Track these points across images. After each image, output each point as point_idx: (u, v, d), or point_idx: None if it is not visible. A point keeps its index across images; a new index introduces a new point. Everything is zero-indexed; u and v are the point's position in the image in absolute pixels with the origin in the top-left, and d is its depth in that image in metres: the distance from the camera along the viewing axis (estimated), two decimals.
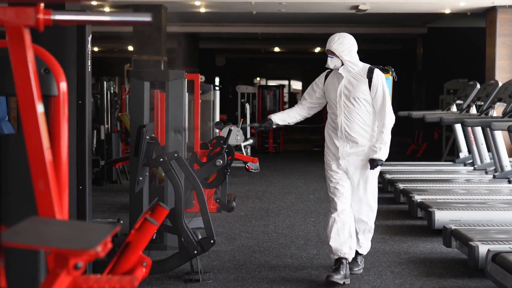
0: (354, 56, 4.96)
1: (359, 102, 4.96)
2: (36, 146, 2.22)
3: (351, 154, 5.02)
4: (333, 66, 4.97)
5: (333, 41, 4.92)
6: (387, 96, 4.99)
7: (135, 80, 5.91)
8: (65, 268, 1.93)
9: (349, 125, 4.99)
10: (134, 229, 3.42)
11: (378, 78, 4.94)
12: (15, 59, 2.18)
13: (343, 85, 4.98)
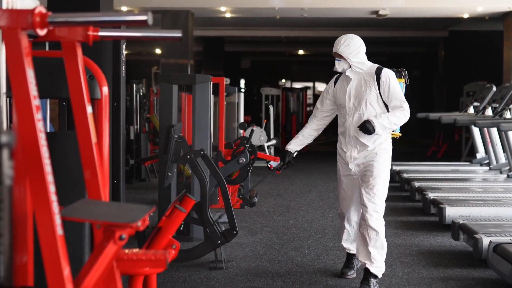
0: (362, 57, 4.82)
1: (369, 104, 4.80)
2: (86, 141, 2.68)
3: (358, 158, 4.90)
4: (341, 69, 4.86)
5: (340, 43, 4.78)
6: (400, 92, 4.81)
7: (164, 83, 6.37)
8: (112, 239, 2.38)
9: (358, 129, 4.81)
10: (164, 216, 3.88)
11: (386, 75, 4.77)
12: (69, 68, 2.63)
13: (351, 87, 4.86)
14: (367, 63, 4.86)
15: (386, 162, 4.90)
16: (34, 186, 2.16)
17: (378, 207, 4.84)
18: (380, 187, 4.85)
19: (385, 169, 4.90)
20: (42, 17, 2.11)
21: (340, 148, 5.04)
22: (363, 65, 4.82)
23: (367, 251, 4.86)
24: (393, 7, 11.67)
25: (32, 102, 2.13)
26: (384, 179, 4.88)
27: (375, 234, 4.85)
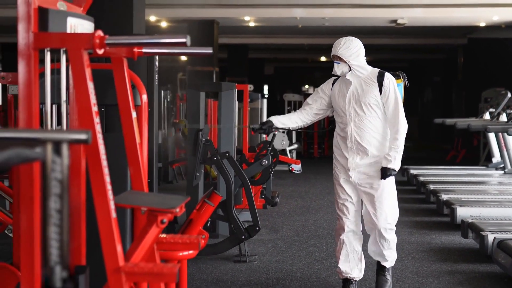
0: (362, 61, 4.68)
1: (370, 108, 4.68)
2: (131, 141, 3.16)
3: (361, 165, 4.72)
4: (340, 72, 4.69)
5: (339, 45, 4.64)
6: (399, 100, 4.69)
7: (192, 90, 6.86)
8: (154, 223, 2.86)
9: (359, 134, 4.70)
10: (195, 209, 4.36)
11: (389, 82, 4.66)
12: (117, 79, 3.12)
13: (352, 91, 4.70)
14: (367, 67, 4.72)
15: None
16: (94, 177, 2.64)
17: (389, 219, 4.76)
18: (390, 199, 4.75)
19: (392, 179, 4.76)
20: (101, 40, 2.60)
21: (340, 155, 4.84)
22: (363, 69, 4.68)
23: (381, 253, 4.88)
24: (411, 16, 12.08)
25: (92, 108, 2.61)
26: (392, 187, 4.77)
27: (389, 242, 4.83)
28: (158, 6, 11.49)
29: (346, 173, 4.79)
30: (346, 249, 4.84)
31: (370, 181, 4.73)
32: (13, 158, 1.54)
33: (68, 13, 2.76)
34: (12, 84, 7.11)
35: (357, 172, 4.73)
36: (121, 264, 2.66)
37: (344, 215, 4.82)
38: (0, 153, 1.43)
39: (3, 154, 1.45)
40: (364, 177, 4.73)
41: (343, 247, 4.84)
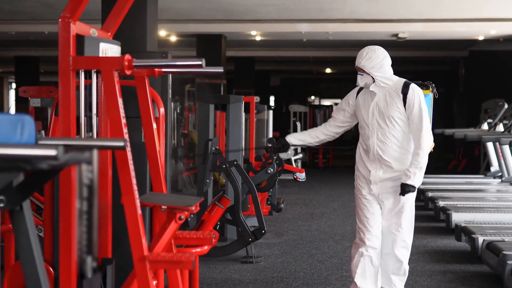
0: (387, 71, 4.49)
1: (394, 121, 4.48)
2: (152, 149, 3.61)
3: (384, 179, 4.54)
4: (363, 84, 4.52)
5: (361, 57, 4.50)
6: (424, 113, 4.45)
7: (202, 103, 7.33)
8: (173, 219, 3.31)
9: (382, 148, 4.51)
10: (206, 211, 4.81)
11: (414, 93, 4.44)
12: (140, 95, 3.58)
13: (376, 103, 4.53)
14: (393, 78, 4.52)
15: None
16: (123, 179, 3.09)
17: (406, 236, 4.61)
18: (408, 214, 4.60)
19: (413, 194, 4.57)
20: (130, 62, 3.06)
21: (362, 166, 4.66)
22: (388, 79, 4.49)
23: (388, 277, 4.65)
24: (412, 30, 12.54)
25: (122, 120, 3.07)
26: (412, 205, 4.61)
27: (399, 262, 4.62)
28: (168, 22, 11.99)
29: (368, 185, 4.60)
30: (364, 262, 4.57)
31: (391, 196, 4.54)
32: (71, 160, 1.98)
33: (100, 39, 3.23)
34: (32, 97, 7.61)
35: (379, 187, 4.55)
36: (145, 254, 3.11)
37: (365, 227, 4.58)
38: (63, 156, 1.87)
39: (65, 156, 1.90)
40: (386, 191, 4.55)
41: (361, 261, 4.57)
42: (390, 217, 4.58)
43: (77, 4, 3.04)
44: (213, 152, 6.45)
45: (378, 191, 4.56)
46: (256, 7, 10.75)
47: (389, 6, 10.64)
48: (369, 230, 4.57)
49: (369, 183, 4.58)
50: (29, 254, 2.37)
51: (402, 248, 4.61)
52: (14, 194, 2.23)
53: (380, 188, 4.55)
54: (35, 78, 20.00)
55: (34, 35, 14.18)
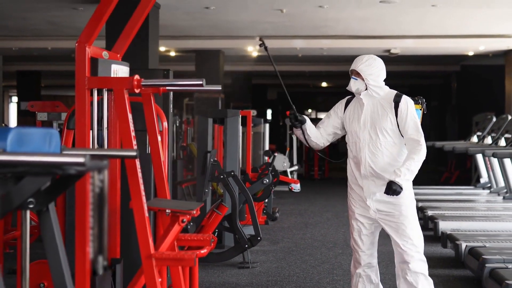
0: (381, 82, 4.42)
1: (385, 133, 4.37)
2: (157, 159, 4.01)
3: (377, 192, 4.39)
4: (356, 89, 4.41)
5: (361, 61, 4.39)
6: (419, 123, 4.39)
7: (201, 117, 7.73)
8: (177, 222, 3.70)
9: (374, 160, 4.38)
10: (205, 218, 5.20)
11: (406, 103, 4.35)
12: (146, 110, 3.98)
13: (367, 114, 4.42)
14: (385, 88, 4.45)
15: (411, 194, 4.44)
16: (132, 186, 3.48)
17: (418, 248, 4.43)
18: (414, 225, 4.43)
19: (412, 202, 4.46)
20: (138, 82, 3.46)
21: (354, 183, 4.50)
22: (380, 89, 4.41)
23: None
24: (403, 46, 12.99)
25: (131, 133, 3.47)
26: (414, 214, 4.47)
27: (422, 277, 4.44)
28: (168, 38, 12.40)
29: (363, 202, 4.46)
30: (363, 282, 4.56)
31: (388, 208, 4.39)
32: (93, 167, 2.37)
33: (112, 61, 3.63)
34: (40, 112, 8.02)
35: (374, 201, 4.40)
36: (152, 252, 3.50)
37: (359, 248, 4.51)
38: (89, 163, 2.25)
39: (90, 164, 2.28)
40: (382, 205, 4.40)
41: (359, 281, 4.56)
42: (395, 230, 4.39)
43: (92, 31, 3.44)
44: (211, 163, 6.84)
45: (374, 206, 4.40)
46: (253, 24, 11.16)
47: (379, 24, 11.06)
48: (363, 250, 4.51)
49: (365, 200, 4.42)
50: (54, 249, 2.75)
51: (419, 261, 4.43)
52: (42, 197, 2.61)
53: (376, 203, 4.39)
54: (37, 92, 20.42)
55: (38, 51, 14.60)
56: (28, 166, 2.26)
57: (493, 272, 5.52)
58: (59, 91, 29.20)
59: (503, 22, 10.77)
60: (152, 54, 8.88)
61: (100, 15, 3.47)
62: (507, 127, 10.63)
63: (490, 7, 9.43)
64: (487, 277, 5.59)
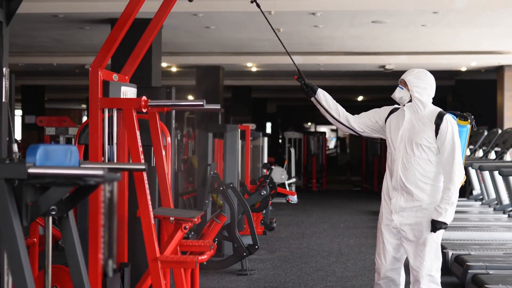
0: (426, 98, 4.35)
1: (421, 149, 4.29)
2: (161, 171, 4.40)
3: (405, 209, 4.33)
4: (399, 97, 4.39)
5: (412, 72, 4.41)
6: (457, 146, 4.27)
7: (202, 131, 8.13)
8: (180, 228, 4.09)
9: (405, 174, 4.33)
10: (206, 226, 5.58)
11: (448, 124, 4.27)
12: (152, 127, 4.37)
13: (406, 127, 4.37)
14: (429, 106, 4.38)
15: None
16: (139, 195, 3.87)
17: (432, 269, 4.40)
18: (432, 248, 4.38)
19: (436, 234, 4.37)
20: (146, 102, 3.86)
21: (386, 193, 4.48)
22: (423, 105, 4.35)
23: None
24: (398, 62, 13.41)
25: (139, 148, 3.86)
26: (437, 237, 4.39)
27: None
28: (169, 54, 12.83)
29: (389, 215, 4.42)
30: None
31: (413, 228, 4.34)
32: (109, 178, 2.75)
33: (121, 83, 4.03)
34: (48, 127, 8.43)
35: (401, 216, 4.36)
36: (158, 255, 3.88)
37: (380, 260, 4.48)
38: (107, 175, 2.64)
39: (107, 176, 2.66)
40: (407, 223, 4.35)
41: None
42: (412, 252, 4.37)
43: (104, 57, 3.84)
44: (211, 175, 7.23)
45: (399, 221, 4.35)
46: (251, 41, 11.58)
47: (373, 41, 11.47)
48: (383, 263, 4.47)
49: (391, 212, 4.40)
50: (73, 251, 3.13)
51: (430, 283, 4.40)
52: (63, 205, 3.00)
53: (401, 218, 4.35)
54: (41, 106, 20.86)
55: (43, 66, 15.04)
56: (54, 178, 2.65)
57: (475, 277, 5.89)
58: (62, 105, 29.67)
59: (493, 39, 11.18)
60: (155, 71, 9.29)
61: (111, 42, 3.86)
62: (497, 141, 11.03)
63: (477, 27, 9.84)
64: (469, 282, 5.96)
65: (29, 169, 2.60)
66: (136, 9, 4.00)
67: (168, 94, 6.17)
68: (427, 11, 8.50)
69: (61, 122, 8.48)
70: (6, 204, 2.61)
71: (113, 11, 8.34)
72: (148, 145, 4.45)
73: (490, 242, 7.92)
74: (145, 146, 4.71)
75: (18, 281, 2.59)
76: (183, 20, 9.28)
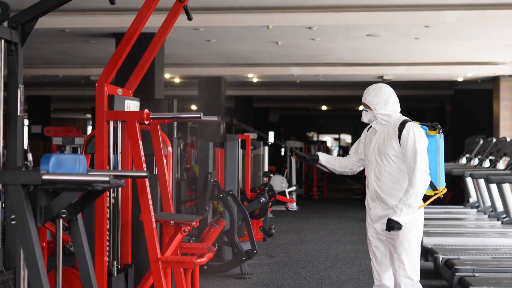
0: (390, 109, 4.51)
1: (389, 158, 4.46)
2: (163, 179, 4.71)
3: (383, 217, 4.47)
4: (367, 120, 4.64)
5: (368, 93, 4.58)
6: (420, 152, 4.35)
7: (202, 141, 8.45)
8: (179, 232, 4.40)
9: (379, 184, 4.51)
10: (205, 230, 5.89)
11: (409, 131, 4.39)
12: (154, 138, 4.69)
13: (376, 140, 4.57)
14: (395, 115, 4.54)
15: (416, 221, 4.46)
16: (142, 201, 4.19)
17: (410, 272, 4.48)
18: (410, 252, 4.46)
19: (414, 230, 4.45)
20: (148, 115, 4.18)
21: (367, 205, 4.69)
22: (389, 117, 4.52)
23: None
24: (395, 73, 13.74)
25: (142, 157, 4.18)
26: (414, 241, 4.46)
27: None
28: (172, 66, 13.19)
29: (372, 223, 4.61)
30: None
31: (391, 233, 4.44)
32: (114, 184, 3.07)
33: (125, 97, 4.36)
34: (55, 137, 8.76)
35: (380, 224, 4.52)
36: (159, 256, 4.20)
37: (374, 266, 4.66)
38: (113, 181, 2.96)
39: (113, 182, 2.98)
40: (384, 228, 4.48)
41: None
42: (392, 256, 4.49)
43: (109, 72, 4.17)
44: (212, 183, 7.55)
45: (380, 228, 4.51)
46: (252, 53, 11.92)
47: (370, 53, 11.80)
48: (376, 268, 4.62)
49: (373, 222, 4.57)
50: (82, 251, 3.44)
51: (410, 287, 4.49)
52: (73, 208, 3.31)
53: (381, 225, 4.50)
54: (46, 115, 21.23)
55: (49, 78, 15.41)
56: (65, 184, 2.97)
57: (462, 280, 6.19)
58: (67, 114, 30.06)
59: (488, 50, 11.49)
60: (158, 82, 9.62)
61: (116, 59, 4.19)
62: (491, 150, 11.33)
63: (470, 39, 10.16)
64: (456, 284, 6.26)
65: (43, 176, 2.92)
66: (140, 26, 4.32)
67: (170, 106, 6.49)
68: (419, 25, 8.83)
69: (68, 132, 8.81)
70: (23, 207, 2.93)
71: (117, 26, 8.70)
72: (151, 154, 4.76)
73: (481, 247, 8.21)
74: (147, 155, 5.04)
75: (33, 274, 2.90)
76: (185, 34, 9.62)
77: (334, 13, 8.34)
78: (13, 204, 2.93)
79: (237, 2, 8.18)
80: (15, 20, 3.55)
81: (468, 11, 8.12)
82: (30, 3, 3.73)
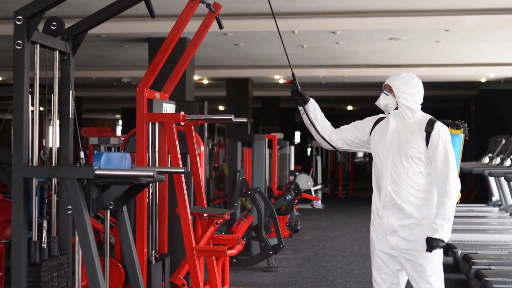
0: (414, 104, 3.95)
1: (411, 161, 3.89)
2: (197, 176, 5.12)
3: (399, 227, 3.92)
4: (384, 105, 4.00)
5: (397, 77, 4.02)
6: (451, 156, 3.85)
7: (231, 141, 8.86)
8: (212, 224, 4.81)
9: (396, 190, 3.92)
10: (235, 225, 6.30)
11: (439, 132, 3.86)
12: (188, 137, 5.11)
13: (393, 138, 3.95)
14: (418, 113, 3.99)
15: None
16: (179, 196, 4.60)
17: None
18: (435, 268, 3.96)
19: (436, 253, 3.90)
20: (183, 117, 4.59)
21: (376, 213, 4.05)
22: (412, 113, 3.96)
23: None
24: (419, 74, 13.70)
25: (178, 155, 4.59)
26: (438, 255, 3.94)
27: None
28: (201, 68, 13.63)
29: (383, 236, 4.00)
30: None
31: (410, 247, 3.92)
32: (157, 179, 3.48)
33: (163, 101, 4.78)
34: (91, 137, 9.24)
35: (396, 236, 3.94)
36: (194, 245, 4.61)
37: (376, 284, 4.09)
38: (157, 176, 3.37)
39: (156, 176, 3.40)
40: (404, 243, 3.93)
41: None
42: (413, 270, 3.94)
43: (149, 78, 4.59)
44: (240, 181, 7.95)
45: (396, 243, 3.94)
46: (278, 56, 12.31)
47: (393, 55, 12.13)
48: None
49: (385, 234, 3.99)
50: (127, 239, 3.86)
51: None
52: (119, 200, 3.74)
53: (398, 239, 3.93)
54: (78, 116, 21.73)
55: (83, 80, 15.95)
56: (115, 178, 3.39)
57: (478, 272, 6.52)
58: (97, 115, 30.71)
59: (508, 52, 11.76)
60: (189, 85, 10.06)
61: (155, 66, 4.61)
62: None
63: (490, 42, 10.45)
64: (472, 277, 6.59)
65: (96, 171, 3.35)
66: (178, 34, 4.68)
67: (201, 107, 6.91)
68: (439, 29, 9.15)
69: (103, 132, 9.29)
70: (78, 198, 3.36)
71: (150, 31, 9.15)
72: (185, 153, 5.17)
73: (500, 243, 8.51)
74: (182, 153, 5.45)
75: (87, 256, 3.33)
76: (214, 39, 10.04)
77: (357, 18, 8.71)
78: (70, 196, 3.36)
79: (264, 9, 8.57)
80: (67, 33, 3.97)
81: (486, 15, 8.43)
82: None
